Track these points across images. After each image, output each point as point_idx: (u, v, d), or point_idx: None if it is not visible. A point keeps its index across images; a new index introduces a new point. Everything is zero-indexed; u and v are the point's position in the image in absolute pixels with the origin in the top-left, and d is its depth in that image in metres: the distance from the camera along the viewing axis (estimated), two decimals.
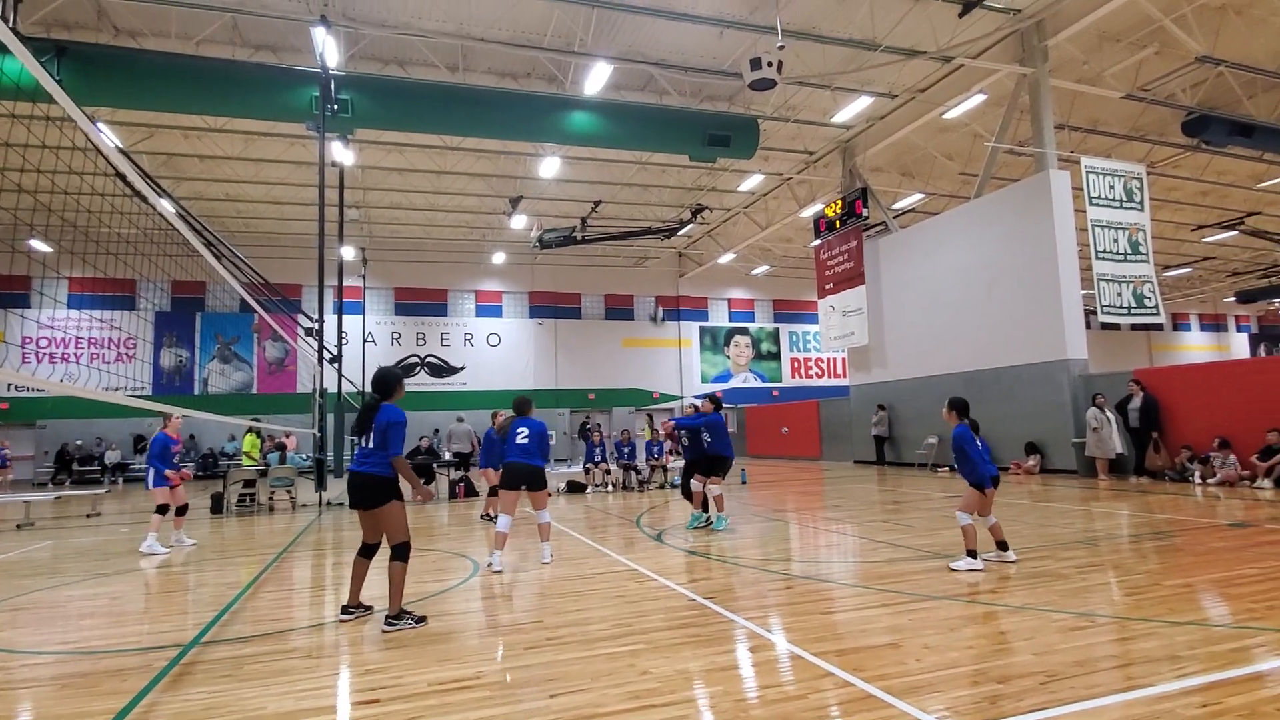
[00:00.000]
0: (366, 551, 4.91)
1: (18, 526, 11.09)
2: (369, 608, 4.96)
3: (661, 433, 14.02)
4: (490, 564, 6.43)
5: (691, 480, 8.77)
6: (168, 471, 8.31)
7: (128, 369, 24.30)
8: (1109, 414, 13.00)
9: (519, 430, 6.65)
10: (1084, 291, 14.67)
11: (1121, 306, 14.41)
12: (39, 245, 20.32)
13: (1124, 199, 14.78)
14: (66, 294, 23.51)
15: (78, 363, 23.50)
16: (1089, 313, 15.07)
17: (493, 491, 10.03)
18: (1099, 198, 14.49)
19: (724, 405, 9.84)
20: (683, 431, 9.12)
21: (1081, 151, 16.80)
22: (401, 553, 4.70)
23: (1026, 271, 14.83)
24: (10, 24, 10.84)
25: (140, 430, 23.68)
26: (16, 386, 23.13)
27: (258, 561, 7.44)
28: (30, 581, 6.67)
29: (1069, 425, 13.93)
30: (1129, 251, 14.62)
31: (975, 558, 5.67)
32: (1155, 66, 15.48)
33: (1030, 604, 4.64)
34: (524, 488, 6.54)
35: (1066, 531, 7.49)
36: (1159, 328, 36.84)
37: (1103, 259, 14.30)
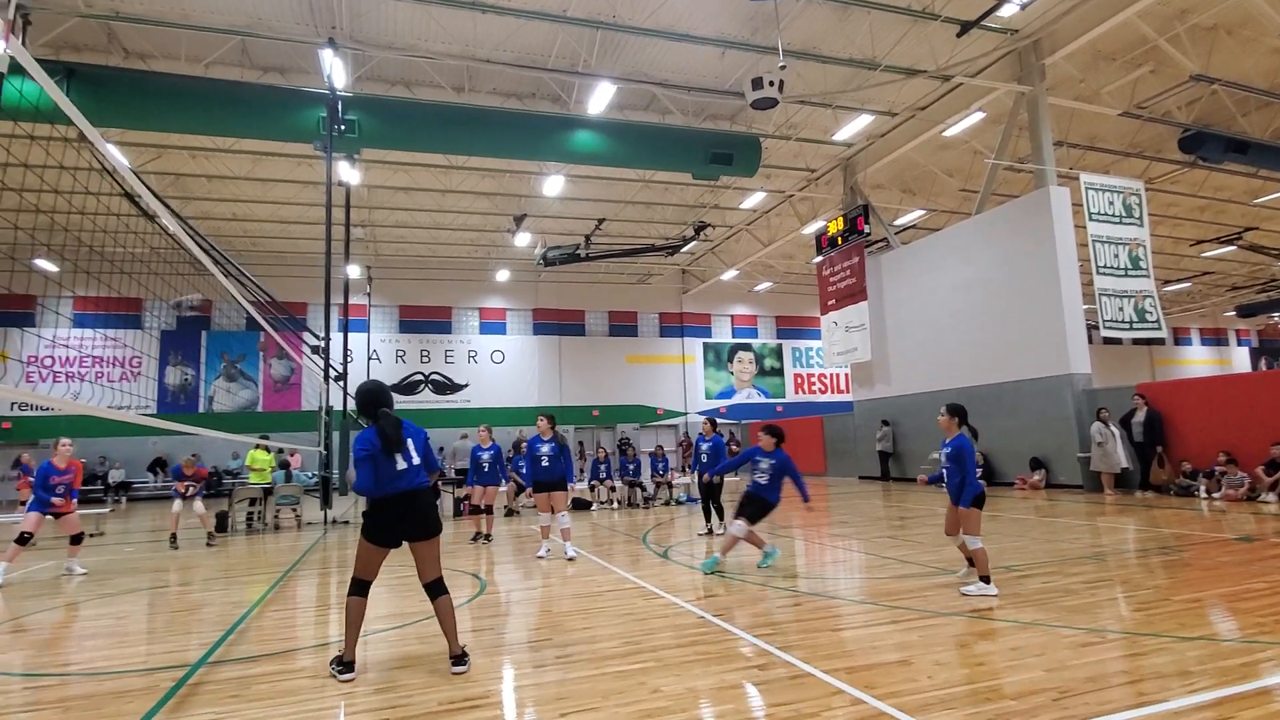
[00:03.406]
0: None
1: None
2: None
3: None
4: (567, 555, 7.93)
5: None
6: (55, 500, 7.97)
7: (133, 387, 24.33)
8: (1113, 428, 12.98)
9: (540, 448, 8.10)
10: (1086, 306, 14.70)
11: (1123, 321, 14.43)
12: (44, 264, 20.45)
13: (1123, 214, 14.86)
14: (73, 312, 23.62)
15: (82, 381, 23.53)
16: (1091, 327, 15.08)
17: (475, 510, 10.21)
18: (1098, 213, 14.57)
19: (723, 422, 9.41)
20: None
21: (1080, 168, 16.91)
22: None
23: (1028, 286, 14.87)
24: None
25: (147, 449, 23.71)
26: (20, 405, 23.15)
27: (264, 581, 7.43)
28: (32, 602, 6.66)
29: (1073, 440, 13.90)
30: (1129, 266, 14.67)
31: (989, 583, 5.40)
32: (1151, 84, 15.62)
33: (1040, 620, 4.62)
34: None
35: (1074, 547, 7.46)
36: (1161, 342, 36.76)
37: (1104, 274, 14.35)
